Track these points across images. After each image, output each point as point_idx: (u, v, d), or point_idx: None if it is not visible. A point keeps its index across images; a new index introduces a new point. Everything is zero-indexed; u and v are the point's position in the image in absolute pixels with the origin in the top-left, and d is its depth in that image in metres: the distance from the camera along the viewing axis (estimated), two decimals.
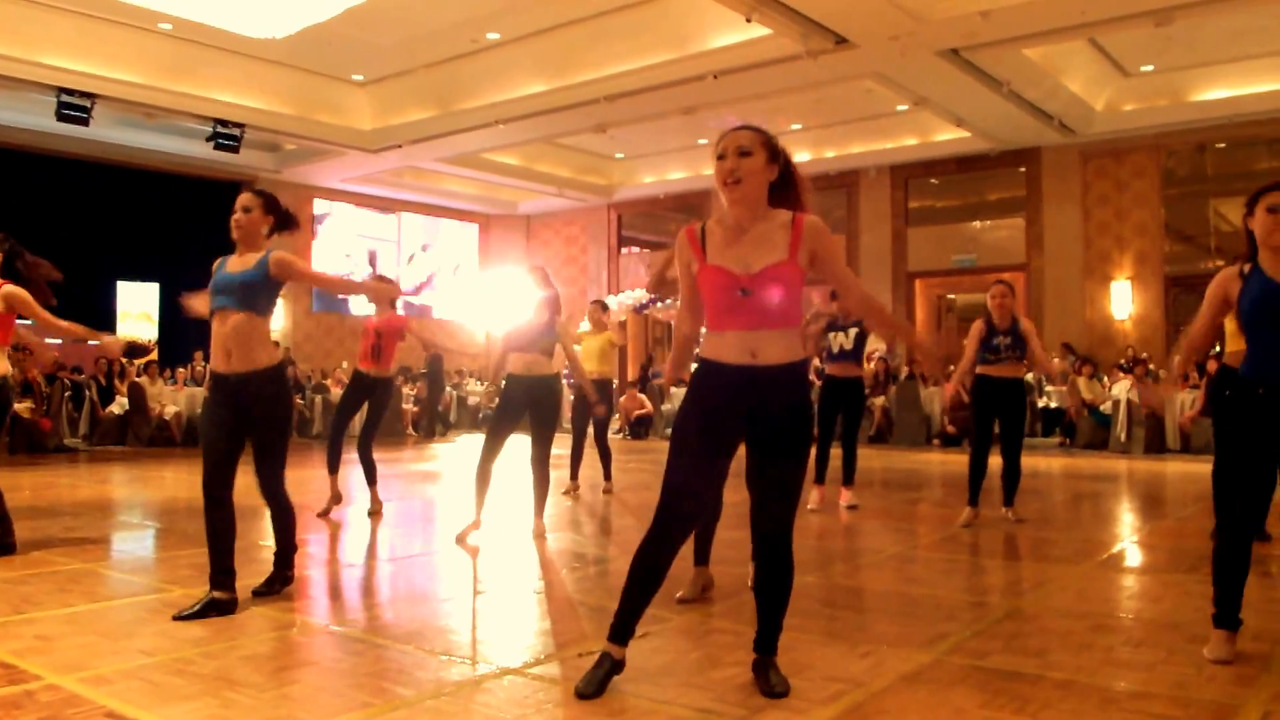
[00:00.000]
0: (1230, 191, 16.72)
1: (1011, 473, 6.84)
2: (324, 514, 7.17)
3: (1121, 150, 16.56)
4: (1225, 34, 13.40)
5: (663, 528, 3.08)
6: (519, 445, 6.65)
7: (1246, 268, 3.57)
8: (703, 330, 3.21)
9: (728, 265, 3.05)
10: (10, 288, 5.46)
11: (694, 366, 3.27)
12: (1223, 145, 16.36)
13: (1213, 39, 13.63)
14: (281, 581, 4.58)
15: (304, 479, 10.37)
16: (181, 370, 15.89)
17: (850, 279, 3.28)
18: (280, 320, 19.45)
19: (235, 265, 4.50)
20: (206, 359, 16.23)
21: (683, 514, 3.10)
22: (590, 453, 8.91)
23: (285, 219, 4.66)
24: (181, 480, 10.13)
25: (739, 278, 3.02)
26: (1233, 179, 16.69)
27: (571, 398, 8.99)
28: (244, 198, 4.62)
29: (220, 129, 15.17)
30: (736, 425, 3.08)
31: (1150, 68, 15.04)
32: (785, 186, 3.20)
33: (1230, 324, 4.53)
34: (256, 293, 4.39)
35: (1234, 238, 16.89)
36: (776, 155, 3.21)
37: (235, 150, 15.59)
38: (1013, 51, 12.71)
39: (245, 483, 4.45)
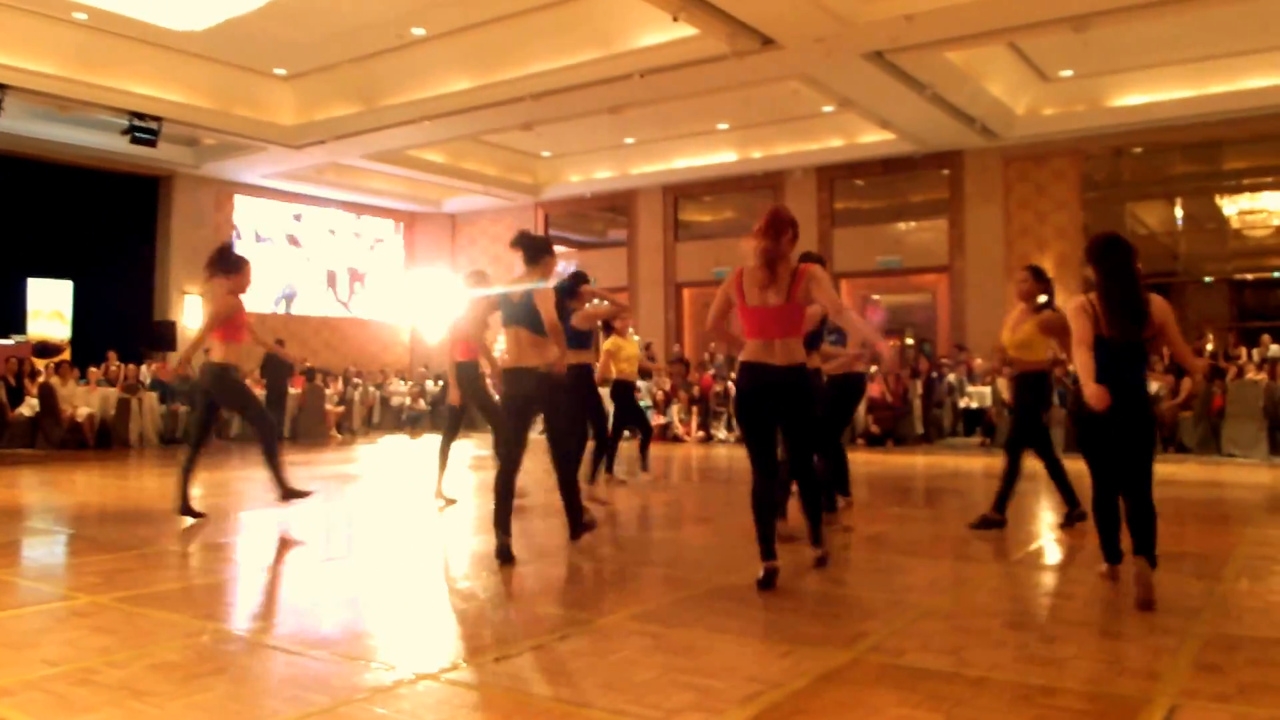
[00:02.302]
0: (1146, 196, 17.24)
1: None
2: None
3: (1041, 154, 16.94)
4: (1141, 41, 13.78)
5: None
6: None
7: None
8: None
9: None
10: None
11: None
12: (1139, 150, 16.83)
13: (1129, 46, 14.00)
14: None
15: (224, 480, 10.12)
16: (94, 370, 15.39)
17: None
18: (199, 319, 18.94)
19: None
20: (121, 358, 15.87)
21: None
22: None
23: (521, 246, 5.58)
24: (93, 485, 9.81)
25: None
26: (1149, 184, 17.21)
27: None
28: None
29: (137, 122, 14.72)
30: None
31: (1069, 73, 15.41)
32: None
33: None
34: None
35: (1150, 241, 17.41)
36: None
37: (153, 144, 15.15)
38: (936, 55, 12.91)
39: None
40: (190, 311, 18.76)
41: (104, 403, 14.53)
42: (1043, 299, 6.43)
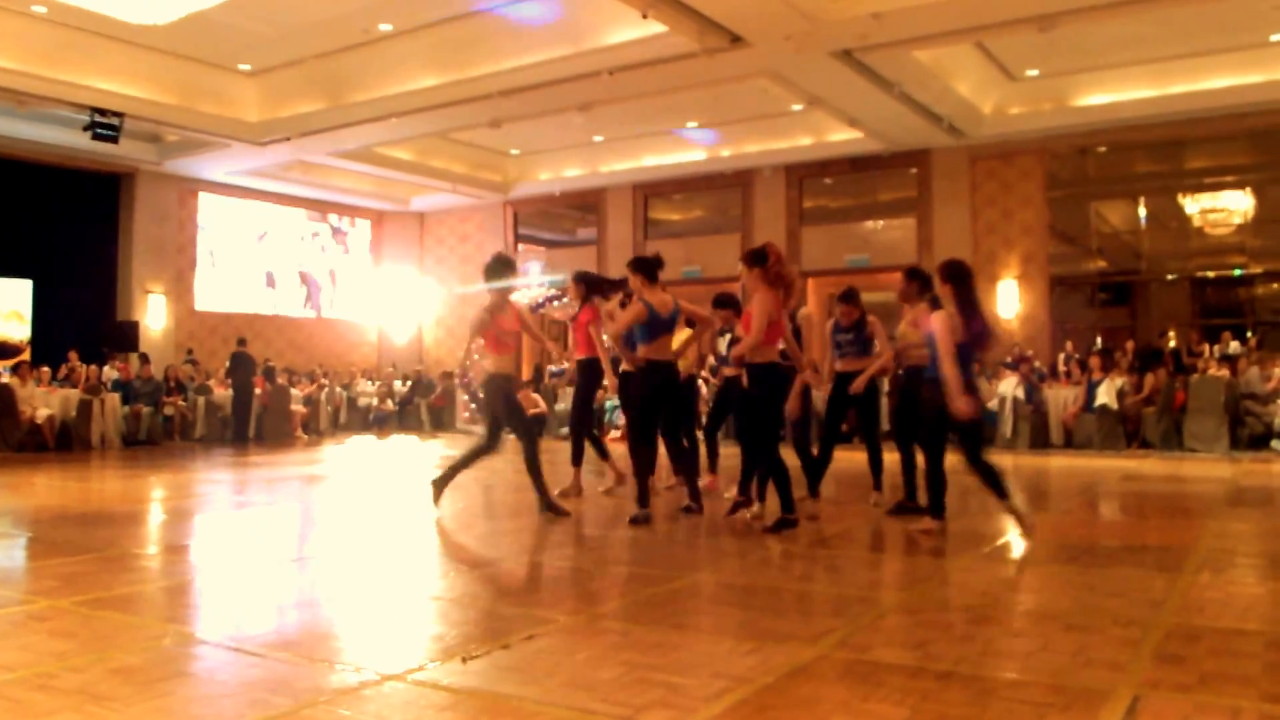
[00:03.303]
0: (1111, 194, 17.43)
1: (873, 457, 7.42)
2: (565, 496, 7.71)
3: (1008, 153, 17.06)
4: (1106, 41, 13.93)
5: None
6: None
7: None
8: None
9: None
10: None
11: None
12: (1103, 149, 17.00)
13: (1094, 45, 14.15)
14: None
15: (186, 482, 10.00)
16: (46, 369, 15.06)
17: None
18: (162, 319, 18.69)
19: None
20: (82, 359, 15.61)
21: None
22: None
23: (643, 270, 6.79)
24: (53, 487, 9.65)
25: None
26: (1113, 182, 17.39)
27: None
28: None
29: (98, 118, 14.48)
30: None
31: (1035, 72, 15.54)
32: None
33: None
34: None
35: (1114, 239, 17.60)
36: None
37: (114, 140, 14.91)
38: (903, 54, 12.97)
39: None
40: (153, 311, 18.51)
41: (64, 404, 14.28)
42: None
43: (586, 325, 7.85)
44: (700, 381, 9.41)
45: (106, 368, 15.80)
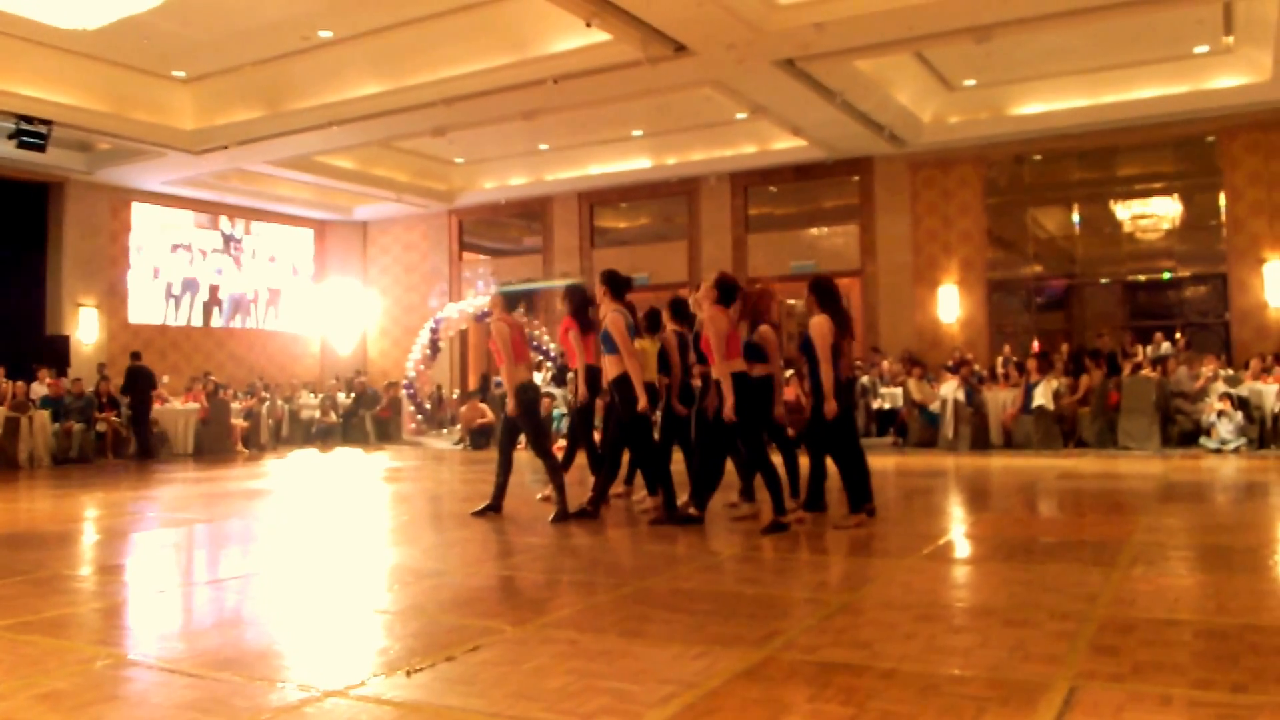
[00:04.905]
0: (1046, 201, 17.80)
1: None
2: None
3: (947, 161, 17.35)
4: (1040, 52, 14.25)
5: None
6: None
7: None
8: None
9: None
10: None
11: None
12: (1039, 157, 17.37)
13: (1028, 57, 14.47)
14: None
15: (119, 500, 9.76)
16: None
17: None
18: (95, 333, 18.24)
19: None
20: (10, 374, 15.15)
21: None
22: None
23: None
24: None
25: None
26: (1048, 189, 17.76)
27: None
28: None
29: (24, 125, 14.11)
30: None
31: (972, 82, 15.84)
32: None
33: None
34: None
35: (1049, 244, 17.97)
36: None
37: (41, 149, 14.53)
38: (845, 63, 13.15)
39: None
40: (85, 325, 18.05)
41: None
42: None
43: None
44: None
45: (35, 383, 15.35)
